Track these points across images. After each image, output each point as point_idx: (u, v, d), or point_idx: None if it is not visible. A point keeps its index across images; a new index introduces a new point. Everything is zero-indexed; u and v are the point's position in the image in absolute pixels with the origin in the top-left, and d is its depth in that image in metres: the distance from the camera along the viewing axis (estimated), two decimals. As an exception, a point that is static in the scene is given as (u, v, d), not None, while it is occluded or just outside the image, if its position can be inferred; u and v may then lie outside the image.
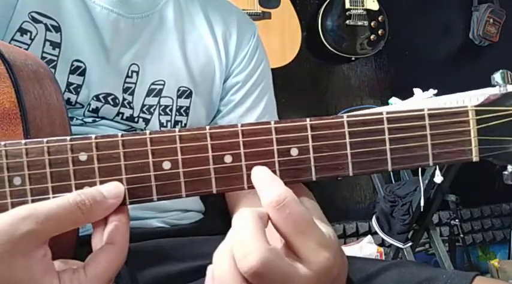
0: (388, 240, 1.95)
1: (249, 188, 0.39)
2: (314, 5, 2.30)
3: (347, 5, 2.24)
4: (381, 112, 0.40)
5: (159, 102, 0.70)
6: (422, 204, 1.79)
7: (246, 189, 0.39)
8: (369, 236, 2.14)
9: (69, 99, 0.63)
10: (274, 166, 0.39)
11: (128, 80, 0.67)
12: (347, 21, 2.24)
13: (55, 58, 0.63)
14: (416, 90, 1.86)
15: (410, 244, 1.91)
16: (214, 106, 0.77)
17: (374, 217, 2.03)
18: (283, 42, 2.08)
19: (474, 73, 1.91)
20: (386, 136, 0.39)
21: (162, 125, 0.70)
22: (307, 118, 0.39)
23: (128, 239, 0.38)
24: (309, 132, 0.39)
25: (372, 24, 2.27)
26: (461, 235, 2.07)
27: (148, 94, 0.69)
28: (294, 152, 0.39)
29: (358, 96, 2.47)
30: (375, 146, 0.39)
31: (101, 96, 0.65)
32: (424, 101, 1.74)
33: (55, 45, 0.63)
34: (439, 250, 1.88)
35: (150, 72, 0.69)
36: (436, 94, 1.79)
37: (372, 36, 2.28)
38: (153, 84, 0.69)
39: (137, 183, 0.39)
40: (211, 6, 0.77)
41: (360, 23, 2.26)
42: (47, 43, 0.62)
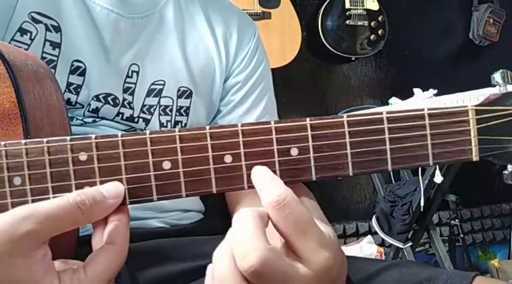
0: (388, 240, 1.95)
1: (249, 188, 0.39)
2: (314, 5, 2.30)
3: (347, 5, 2.24)
4: (381, 112, 0.40)
5: (159, 102, 0.70)
6: (422, 204, 1.79)
7: (246, 188, 0.39)
8: (369, 236, 2.14)
9: (69, 99, 0.63)
10: (274, 166, 0.39)
11: (128, 80, 0.67)
12: (347, 21, 2.24)
13: (55, 58, 0.63)
14: (416, 90, 1.86)
15: (410, 244, 1.91)
16: (214, 107, 0.77)
17: (374, 217, 2.03)
18: (283, 42, 2.08)
19: (474, 73, 1.91)
20: (387, 136, 0.39)
21: (162, 125, 0.70)
22: (307, 118, 0.39)
23: (128, 239, 0.38)
24: (309, 132, 0.39)
25: (372, 24, 2.27)
26: (461, 235, 2.07)
27: (148, 95, 0.69)
28: (294, 152, 0.39)
29: (358, 96, 2.47)
30: (375, 146, 0.39)
31: (101, 96, 0.65)
32: (424, 101, 1.75)
33: (55, 45, 0.63)
34: (439, 250, 1.88)
35: (150, 72, 0.69)
36: (436, 94, 1.79)
37: (372, 36, 2.28)
38: (153, 84, 0.69)
39: (137, 182, 0.39)
40: (212, 6, 0.77)
41: (360, 23, 2.26)
42: (47, 43, 0.62)
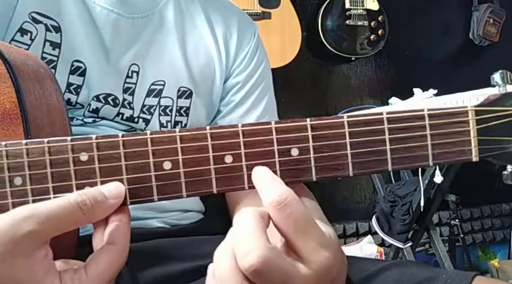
0: (388, 240, 1.95)
1: (250, 188, 0.39)
2: (314, 5, 2.30)
3: (347, 5, 2.24)
4: (381, 113, 0.40)
5: (159, 102, 0.70)
6: (422, 204, 1.79)
7: (246, 189, 0.39)
8: (369, 236, 2.14)
9: (70, 100, 0.63)
10: (275, 167, 0.39)
11: (128, 80, 0.67)
12: (347, 21, 2.24)
13: (55, 58, 0.63)
14: (416, 90, 1.86)
15: (410, 244, 1.91)
16: (214, 107, 0.77)
17: (374, 217, 2.03)
18: (283, 42, 2.08)
19: (474, 73, 1.91)
20: (387, 136, 0.40)
21: (162, 125, 0.70)
22: (308, 119, 0.39)
23: (129, 240, 0.38)
24: (310, 132, 0.39)
25: (372, 24, 2.27)
26: (461, 235, 2.07)
27: (148, 95, 0.69)
28: (294, 152, 0.39)
29: (358, 96, 2.47)
30: (375, 146, 0.39)
31: (101, 97, 0.65)
32: (424, 101, 1.74)
33: (55, 46, 0.63)
34: (439, 250, 1.88)
35: (150, 72, 0.69)
36: (436, 94, 1.79)
37: (372, 36, 2.28)
38: (153, 84, 0.69)
39: (138, 183, 0.39)
40: (212, 7, 0.77)
41: (360, 23, 2.26)
42: (47, 43, 0.62)
